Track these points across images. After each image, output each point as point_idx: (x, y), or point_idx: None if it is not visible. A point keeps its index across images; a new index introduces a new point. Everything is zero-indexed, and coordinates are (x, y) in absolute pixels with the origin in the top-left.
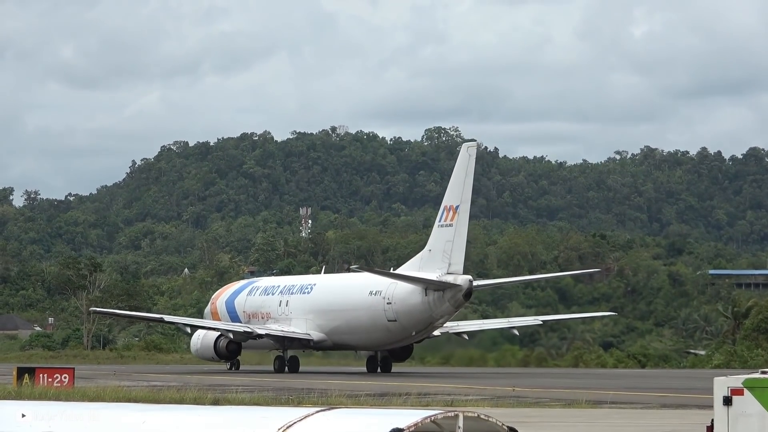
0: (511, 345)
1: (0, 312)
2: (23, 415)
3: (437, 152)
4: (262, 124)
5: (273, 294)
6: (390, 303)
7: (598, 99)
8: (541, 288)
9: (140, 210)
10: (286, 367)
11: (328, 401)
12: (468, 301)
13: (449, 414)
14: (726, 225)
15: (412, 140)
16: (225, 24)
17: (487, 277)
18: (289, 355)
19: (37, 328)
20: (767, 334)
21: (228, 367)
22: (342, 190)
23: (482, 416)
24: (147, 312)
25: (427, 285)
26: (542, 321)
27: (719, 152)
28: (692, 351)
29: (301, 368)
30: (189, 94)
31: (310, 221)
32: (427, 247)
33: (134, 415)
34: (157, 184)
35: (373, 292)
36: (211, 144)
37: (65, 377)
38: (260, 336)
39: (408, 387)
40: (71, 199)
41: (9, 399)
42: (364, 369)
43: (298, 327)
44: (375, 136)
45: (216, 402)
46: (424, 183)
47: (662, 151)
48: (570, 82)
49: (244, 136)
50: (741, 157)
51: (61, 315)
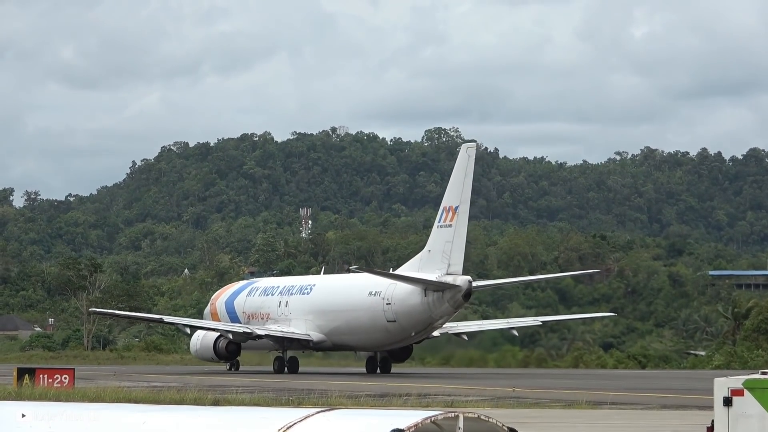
0: (512, 346)
1: (0, 312)
2: (23, 415)
3: (437, 153)
4: (262, 125)
5: (272, 295)
6: (389, 304)
7: (599, 99)
8: (541, 289)
9: (140, 210)
10: (286, 368)
11: (328, 402)
12: (467, 302)
13: (449, 415)
14: (726, 226)
15: (412, 141)
16: (225, 24)
17: (487, 277)
18: (288, 355)
19: (38, 329)
20: (767, 335)
21: (227, 367)
22: (342, 190)
23: (482, 417)
24: (147, 313)
25: (426, 286)
26: (542, 322)
27: (719, 153)
28: (692, 352)
29: (300, 369)
30: (189, 94)
31: (310, 222)
32: (426, 248)
33: (134, 415)
34: (158, 184)
35: (373, 293)
36: (212, 144)
37: (65, 378)
38: (259, 337)
39: (408, 387)
40: (71, 199)
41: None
42: (364, 370)
43: (297, 328)
44: (375, 137)
45: (216, 403)
46: (424, 184)
47: (662, 151)
48: (570, 82)
49: (245, 137)
50: (741, 157)
51: (61, 316)
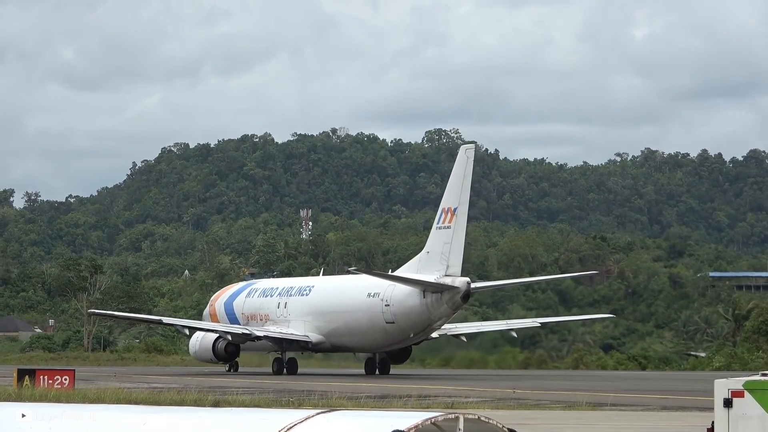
0: (512, 347)
1: (0, 314)
2: (23, 416)
3: (438, 154)
4: (262, 126)
5: (271, 296)
6: (388, 305)
7: (599, 101)
8: (541, 290)
9: (141, 212)
10: (285, 369)
11: (328, 403)
12: (466, 303)
13: (450, 416)
14: (726, 227)
15: (413, 142)
16: (226, 25)
17: (487, 278)
18: (287, 356)
19: (38, 330)
20: (767, 336)
21: (226, 368)
22: (342, 191)
23: (483, 418)
24: (147, 314)
25: (425, 287)
26: (540, 323)
27: (720, 154)
28: (693, 353)
29: (299, 370)
30: (189, 95)
31: (310, 223)
32: (425, 249)
33: (135, 416)
34: (158, 185)
35: (372, 294)
36: (212, 146)
37: (66, 379)
38: (258, 338)
39: (408, 389)
40: (72, 200)
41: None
42: (363, 371)
43: (296, 329)
44: (375, 138)
45: (216, 404)
46: (424, 185)
47: (663, 153)
48: (570, 84)
49: (245, 138)
50: (741, 159)
51: (61, 317)
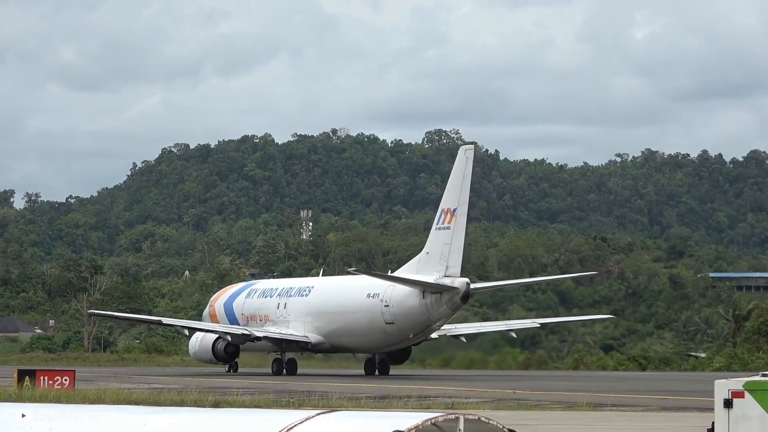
0: (512, 348)
1: (1, 314)
2: (23, 416)
3: (438, 155)
4: (262, 127)
5: (271, 296)
6: (387, 306)
7: (599, 101)
8: (541, 291)
9: (141, 212)
10: (284, 370)
11: (328, 404)
12: (465, 304)
13: (450, 416)
14: (727, 228)
15: (413, 143)
16: (226, 26)
17: (488, 279)
18: (287, 357)
19: (38, 331)
20: None
21: (226, 369)
22: (343, 192)
23: (483, 419)
24: (148, 315)
25: (424, 288)
26: (540, 324)
27: (720, 155)
28: (693, 354)
29: (299, 370)
30: (190, 96)
31: (310, 224)
32: (424, 250)
33: (135, 417)
34: (158, 186)
35: (371, 295)
36: (212, 146)
37: (66, 380)
38: (258, 338)
39: (408, 389)
40: (72, 201)
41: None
42: (362, 371)
43: (296, 329)
44: (376, 139)
45: (217, 404)
46: (424, 185)
47: (663, 153)
48: (571, 84)
49: (245, 139)
50: (742, 159)
51: (61, 317)
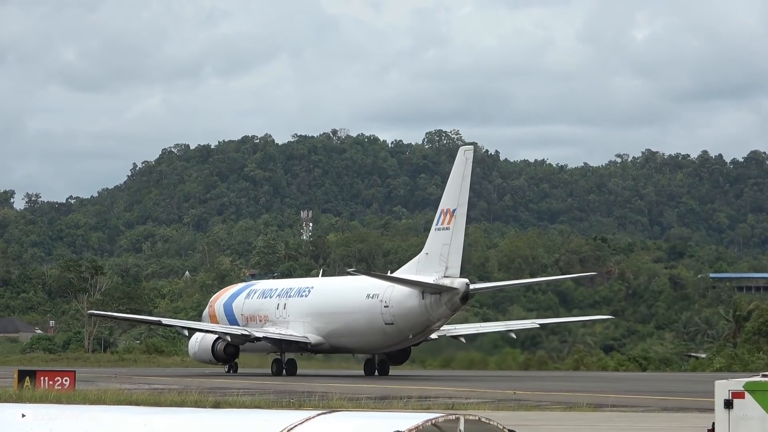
0: (512, 348)
1: (1, 315)
2: (23, 415)
3: (438, 155)
4: (263, 127)
5: (271, 297)
6: (387, 306)
7: (600, 102)
8: (542, 291)
9: (141, 213)
10: (284, 370)
11: (329, 404)
12: (465, 305)
13: (450, 417)
14: (727, 228)
15: (413, 143)
16: (227, 27)
17: (488, 280)
18: (286, 357)
19: (38, 331)
20: None
21: (226, 369)
22: (343, 193)
23: (483, 419)
24: (148, 315)
25: (424, 288)
26: (539, 324)
27: (720, 155)
28: (693, 354)
29: (298, 371)
30: (190, 96)
31: (311, 224)
32: (424, 251)
33: (135, 417)
34: (158, 186)
35: (371, 296)
36: (212, 147)
37: (66, 380)
38: (258, 339)
39: (409, 390)
40: (72, 201)
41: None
42: (362, 372)
43: (295, 330)
44: (376, 139)
45: (217, 405)
46: (425, 186)
47: (663, 154)
48: (571, 85)
49: (245, 139)
50: (742, 160)
51: (62, 318)
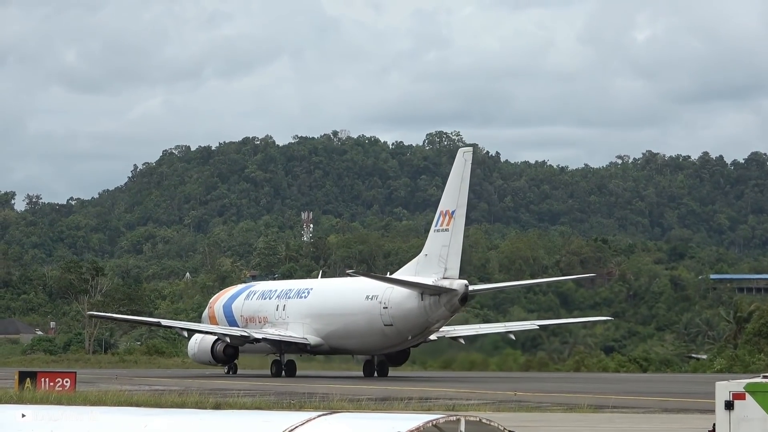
0: (513, 350)
1: (2, 316)
2: (23, 416)
3: (439, 157)
4: (264, 129)
5: (270, 298)
6: (386, 307)
7: (600, 103)
8: (542, 292)
9: (142, 214)
10: (283, 371)
11: (329, 405)
12: (464, 306)
13: (451, 418)
14: (728, 229)
15: (414, 144)
16: (228, 28)
17: (489, 281)
18: (285, 359)
19: (39, 333)
20: None
21: (225, 371)
22: (344, 194)
23: (484, 420)
24: (149, 316)
25: (423, 290)
26: (539, 326)
27: (721, 157)
28: (694, 355)
29: (298, 372)
30: (191, 98)
31: (311, 225)
32: (423, 252)
33: (136, 419)
34: (159, 188)
35: (370, 297)
36: (213, 148)
37: (67, 381)
38: (257, 340)
39: (409, 391)
40: (73, 203)
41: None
42: (361, 373)
43: (295, 331)
44: (377, 141)
45: (218, 406)
46: (425, 187)
47: (664, 155)
48: (572, 86)
49: (246, 141)
50: (743, 161)
51: (62, 319)
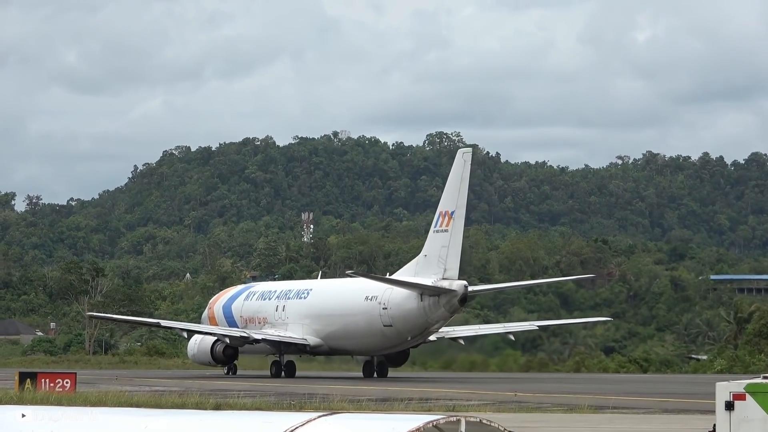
0: (513, 350)
1: (2, 317)
2: (23, 415)
3: (439, 157)
4: (264, 129)
5: (270, 299)
6: (386, 308)
7: (601, 104)
8: (543, 293)
9: (142, 215)
10: (283, 372)
11: (330, 406)
12: (464, 307)
13: (451, 419)
14: (728, 230)
15: (414, 145)
16: (228, 29)
17: (489, 281)
18: (285, 359)
19: (39, 333)
20: None
21: (225, 371)
22: (344, 195)
23: (484, 421)
24: (149, 317)
25: (422, 290)
26: (539, 326)
27: (721, 157)
28: (694, 356)
29: (297, 373)
30: (192, 99)
31: (312, 226)
32: (422, 253)
33: (136, 419)
34: (159, 188)
35: (369, 298)
36: (213, 149)
37: (67, 382)
38: (257, 341)
39: (410, 392)
40: (73, 203)
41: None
42: (360, 374)
43: (294, 332)
44: (377, 141)
45: (218, 407)
46: (425, 188)
47: (664, 156)
48: (572, 87)
49: (246, 141)
50: (743, 162)
51: (62, 320)
